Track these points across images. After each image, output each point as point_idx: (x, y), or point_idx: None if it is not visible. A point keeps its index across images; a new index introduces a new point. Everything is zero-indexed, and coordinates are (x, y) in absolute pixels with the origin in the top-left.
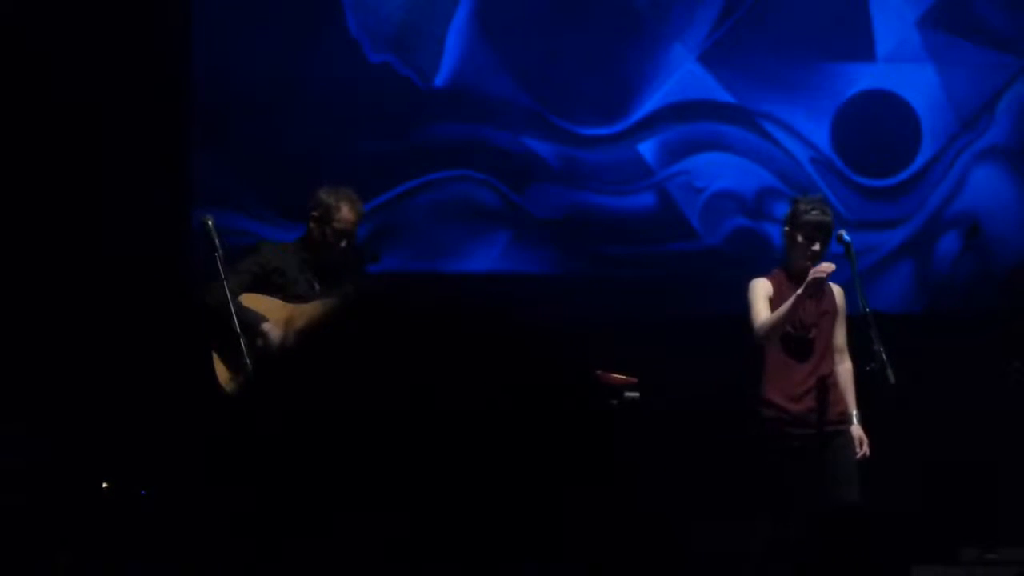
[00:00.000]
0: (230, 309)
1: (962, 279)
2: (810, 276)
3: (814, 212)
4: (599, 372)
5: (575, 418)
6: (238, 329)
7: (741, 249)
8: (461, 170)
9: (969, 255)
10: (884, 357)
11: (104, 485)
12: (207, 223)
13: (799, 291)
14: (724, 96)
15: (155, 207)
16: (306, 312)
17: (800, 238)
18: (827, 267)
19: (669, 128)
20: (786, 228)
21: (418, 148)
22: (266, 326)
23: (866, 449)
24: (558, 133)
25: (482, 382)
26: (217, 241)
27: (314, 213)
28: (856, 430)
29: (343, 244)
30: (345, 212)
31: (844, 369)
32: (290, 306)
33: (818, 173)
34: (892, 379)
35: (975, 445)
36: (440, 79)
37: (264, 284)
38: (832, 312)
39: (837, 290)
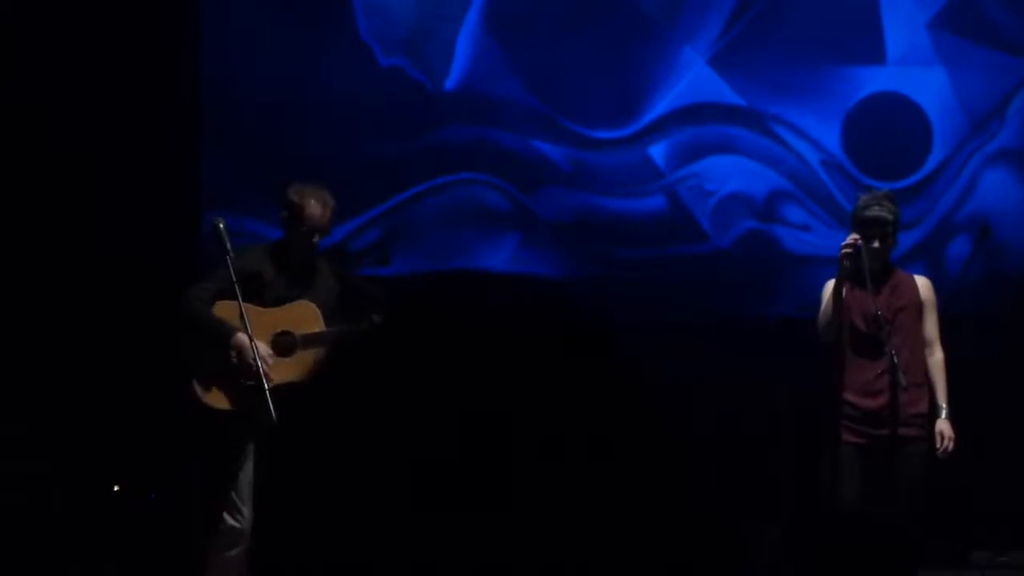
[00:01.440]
0: (201, 320)
1: (973, 282)
2: (839, 254)
3: (873, 208)
4: None
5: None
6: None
7: (752, 252)
8: (471, 173)
9: (980, 258)
10: (895, 360)
11: (115, 488)
12: (218, 225)
13: (837, 275)
14: (734, 99)
15: (166, 209)
16: (284, 315)
17: (859, 234)
18: (851, 239)
19: (679, 131)
20: (851, 224)
21: (428, 151)
22: (237, 339)
23: (948, 444)
24: (568, 136)
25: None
26: (228, 243)
27: (284, 213)
28: (942, 424)
29: (315, 241)
30: (314, 209)
31: (933, 362)
32: (267, 310)
33: (829, 176)
34: (903, 383)
35: (986, 448)
36: (450, 82)
37: (242, 289)
38: (911, 306)
39: (922, 282)
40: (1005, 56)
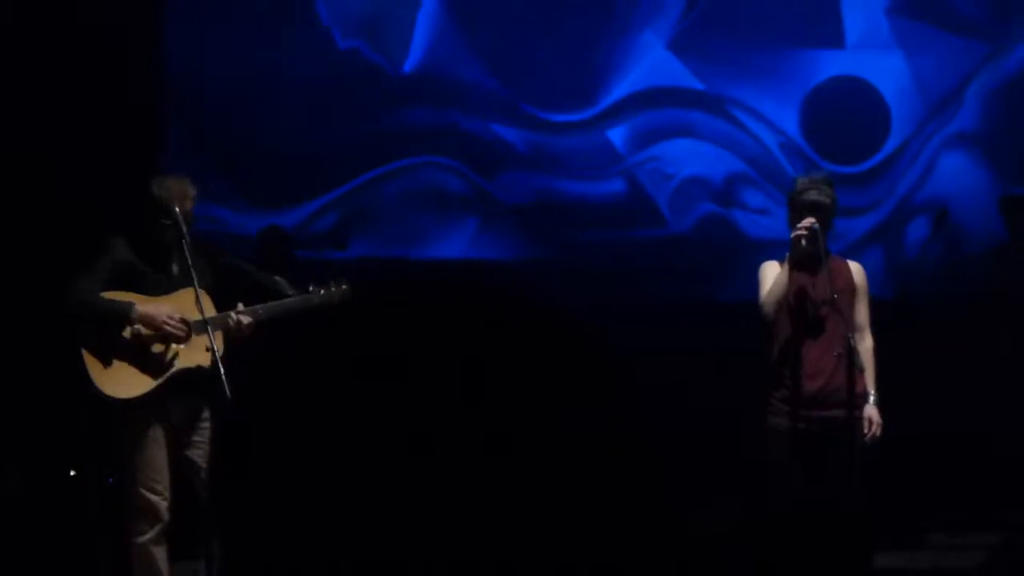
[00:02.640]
0: (94, 308)
1: (931, 264)
2: (792, 234)
3: (811, 192)
4: None
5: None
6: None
7: (710, 235)
8: (430, 156)
9: (937, 241)
10: (851, 343)
11: (71, 473)
12: (176, 211)
13: (788, 256)
14: (693, 83)
15: (128, 195)
16: (175, 303)
17: (796, 220)
18: (807, 222)
19: (638, 115)
20: (788, 207)
21: (388, 134)
22: (138, 309)
23: (876, 430)
24: (527, 119)
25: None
26: (185, 227)
27: (150, 204)
28: (870, 410)
29: (184, 229)
30: (178, 201)
31: (864, 348)
32: (150, 299)
33: (787, 159)
34: (861, 366)
35: (943, 429)
36: (409, 65)
37: (118, 280)
38: (848, 289)
39: (856, 267)
40: (963, 40)
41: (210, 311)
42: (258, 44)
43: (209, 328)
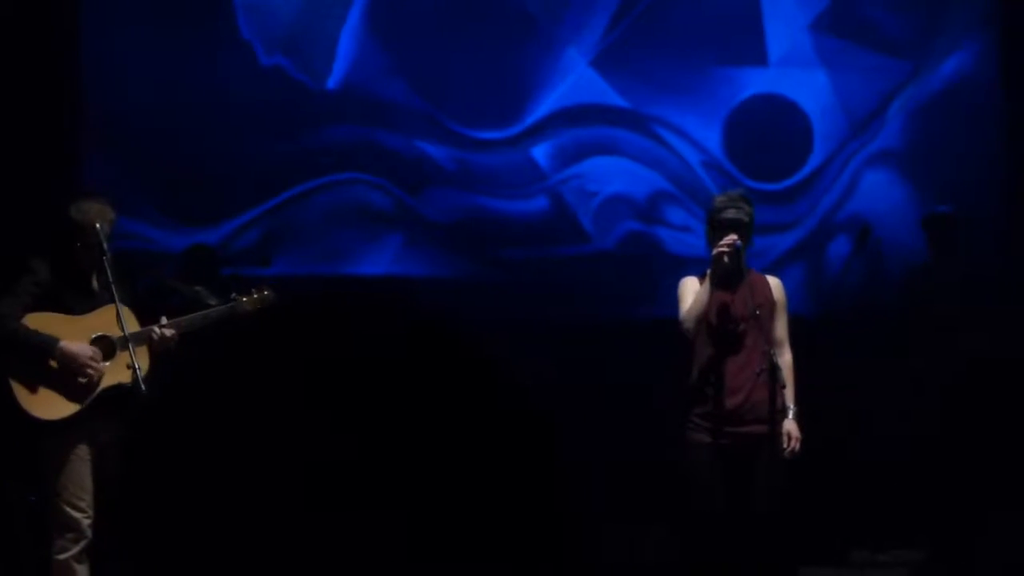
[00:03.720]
0: (16, 339)
1: (853, 282)
2: (714, 252)
3: (730, 211)
4: None
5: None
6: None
7: (633, 252)
8: (354, 173)
9: (860, 259)
10: (774, 360)
11: None
12: (97, 227)
13: (709, 273)
14: (617, 100)
15: (47, 211)
16: (98, 320)
17: (716, 237)
18: (729, 239)
19: (562, 132)
20: (707, 225)
21: (311, 151)
22: (60, 348)
23: (795, 445)
24: (452, 137)
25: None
26: (106, 244)
27: (70, 227)
28: (789, 424)
29: (105, 247)
30: (95, 219)
31: (784, 363)
32: (78, 318)
33: (710, 177)
34: (783, 381)
35: (864, 447)
36: (333, 81)
37: (42, 301)
38: (768, 304)
39: (774, 282)
40: (886, 58)
41: (133, 327)
42: (179, 60)
43: (131, 345)
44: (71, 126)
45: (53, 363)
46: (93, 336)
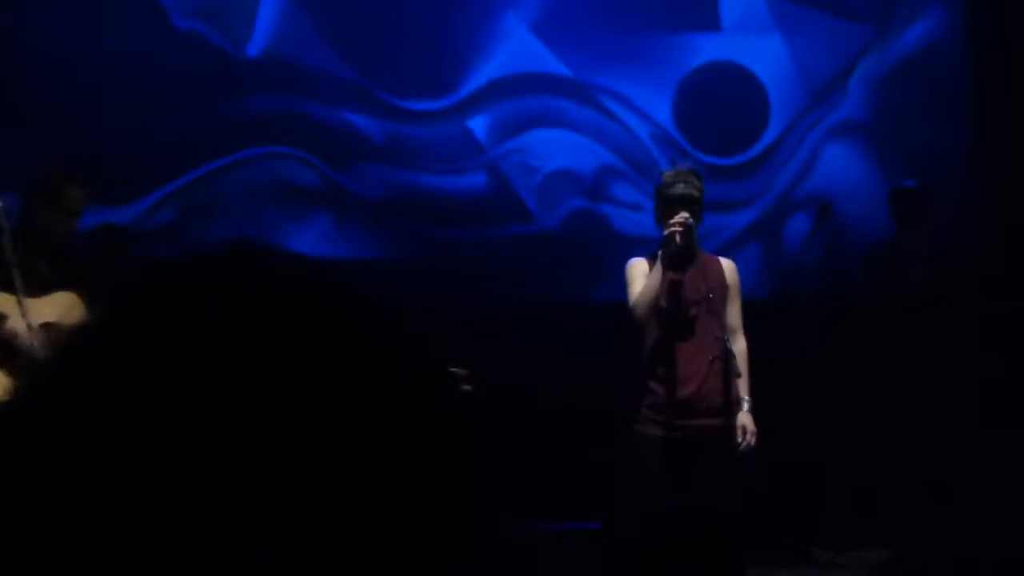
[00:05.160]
0: None
1: (812, 262)
2: (665, 231)
3: (679, 186)
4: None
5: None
6: None
7: (579, 232)
8: (277, 147)
9: (819, 237)
10: (728, 346)
11: None
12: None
13: (659, 254)
14: (559, 69)
15: None
16: (48, 306)
17: (666, 214)
18: (680, 216)
19: (501, 103)
20: (655, 203)
21: (230, 122)
22: (9, 326)
23: (750, 439)
24: (382, 107)
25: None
26: (5, 222)
27: (32, 198)
28: (743, 418)
29: (68, 226)
30: (67, 192)
31: (738, 350)
32: (28, 301)
33: (660, 151)
34: (738, 371)
35: (821, 439)
36: (254, 48)
37: None
38: (720, 288)
39: (728, 265)
40: (847, 24)
41: (70, 314)
42: (85, 24)
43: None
44: None
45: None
46: (41, 323)
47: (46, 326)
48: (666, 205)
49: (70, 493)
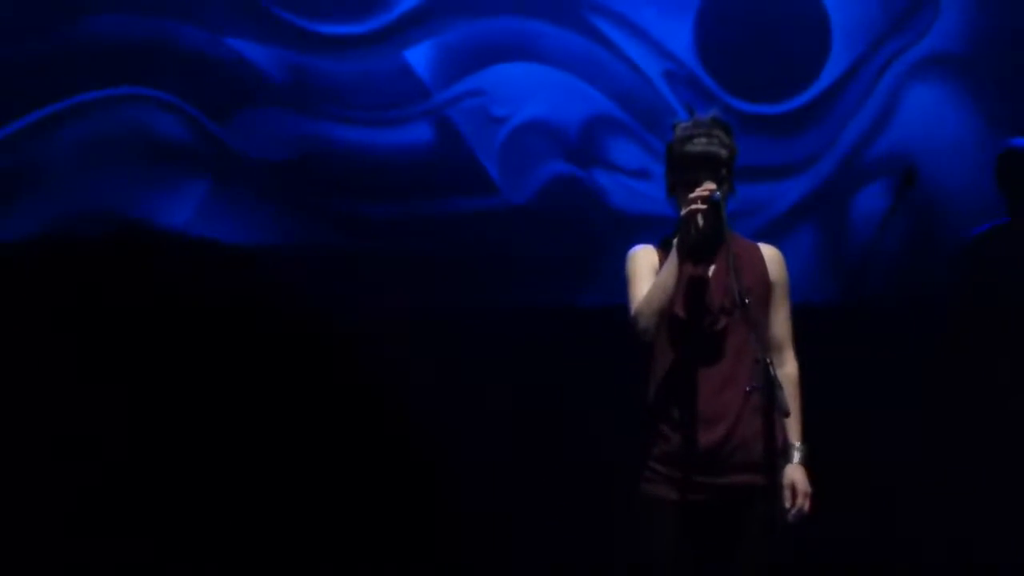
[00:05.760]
0: None
1: (890, 253)
2: (683, 211)
3: (699, 141)
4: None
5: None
6: None
7: (560, 209)
8: (133, 87)
9: (901, 216)
10: (770, 371)
11: None
12: None
13: (674, 241)
14: None
15: None
16: None
17: (681, 182)
18: (705, 188)
19: (450, 25)
20: (667, 168)
21: (67, 54)
22: None
23: (803, 503)
24: (284, 31)
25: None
26: None
27: None
28: (794, 472)
29: None
30: None
31: (786, 377)
32: None
33: (676, 95)
34: (785, 407)
35: (898, 491)
36: None
37: None
38: (760, 288)
39: (771, 254)
40: None
41: None
42: None
43: None
44: None
45: None
46: None
47: None
48: (682, 171)
49: None
